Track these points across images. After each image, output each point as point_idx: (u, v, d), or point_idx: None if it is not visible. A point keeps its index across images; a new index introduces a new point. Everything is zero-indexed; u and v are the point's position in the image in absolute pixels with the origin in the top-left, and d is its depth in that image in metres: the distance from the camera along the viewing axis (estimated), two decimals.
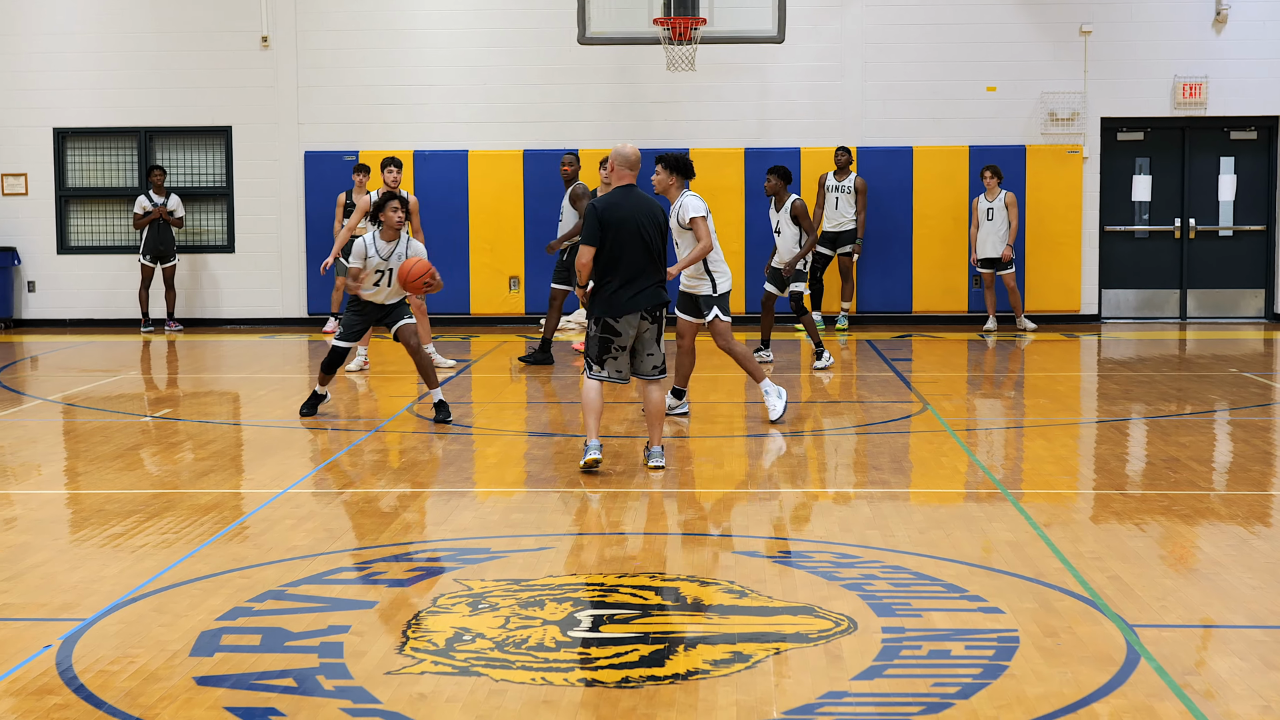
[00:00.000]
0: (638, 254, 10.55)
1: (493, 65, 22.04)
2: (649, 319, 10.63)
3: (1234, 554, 8.28)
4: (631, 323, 10.58)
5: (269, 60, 22.18)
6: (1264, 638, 6.76)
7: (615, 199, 10.67)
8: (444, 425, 12.75)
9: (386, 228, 12.96)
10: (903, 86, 21.86)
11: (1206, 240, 22.23)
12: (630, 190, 10.74)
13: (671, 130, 21.79)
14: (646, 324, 10.63)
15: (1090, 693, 6.01)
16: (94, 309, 22.57)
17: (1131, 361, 17.84)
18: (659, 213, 10.72)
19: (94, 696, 6.05)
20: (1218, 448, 12.06)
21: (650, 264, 10.61)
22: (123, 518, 9.32)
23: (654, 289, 10.63)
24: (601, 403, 10.72)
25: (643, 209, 10.64)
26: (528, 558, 8.36)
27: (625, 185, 10.79)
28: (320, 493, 10.22)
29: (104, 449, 11.88)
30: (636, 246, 10.55)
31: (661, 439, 10.86)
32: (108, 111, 22.39)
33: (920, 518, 9.30)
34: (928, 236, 21.77)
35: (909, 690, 6.09)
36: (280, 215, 22.33)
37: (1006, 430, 13.00)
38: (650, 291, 10.60)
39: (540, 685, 6.15)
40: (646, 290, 10.58)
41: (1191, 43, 21.70)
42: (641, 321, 10.60)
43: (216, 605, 7.34)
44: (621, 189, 10.77)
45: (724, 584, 7.68)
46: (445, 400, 13.03)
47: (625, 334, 10.60)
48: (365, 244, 12.92)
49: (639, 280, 10.56)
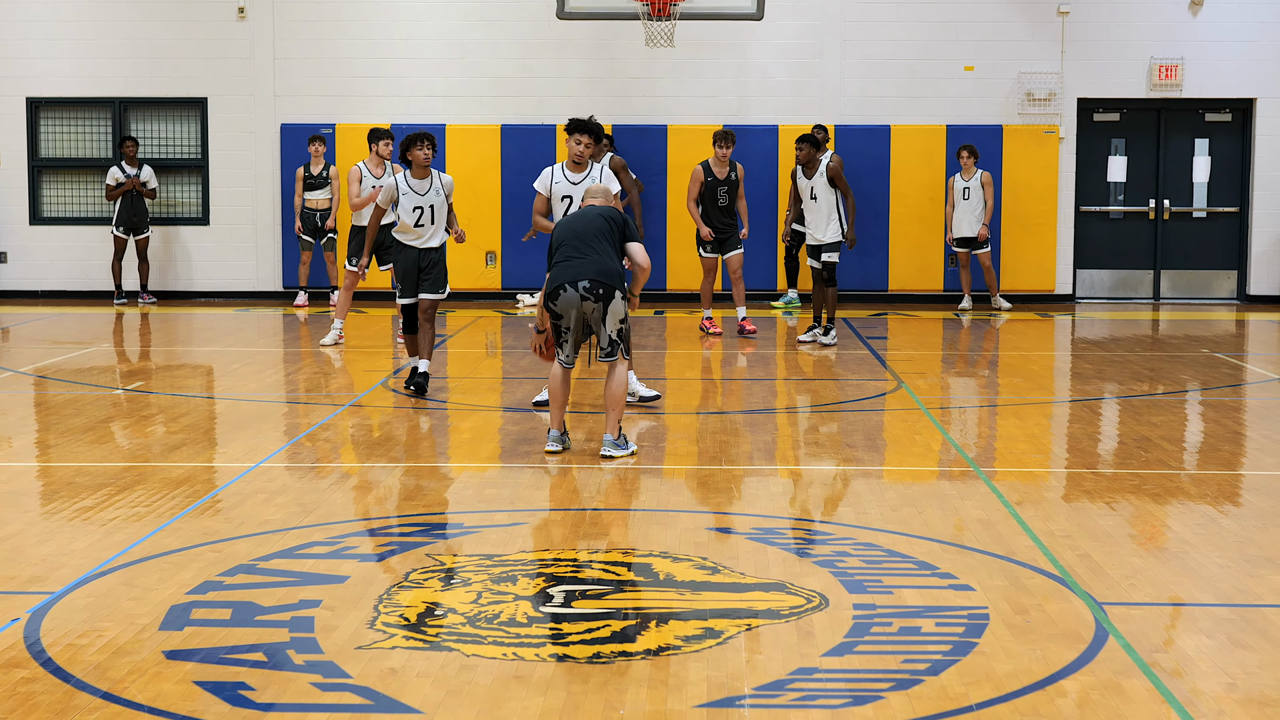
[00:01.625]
0: (575, 246, 10.46)
1: (471, 39, 21.97)
2: (590, 299, 10.44)
3: (1203, 533, 8.32)
4: (569, 303, 10.41)
5: (245, 31, 22.07)
6: (1231, 616, 6.79)
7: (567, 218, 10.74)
8: (420, 400, 12.72)
9: (416, 166, 13.01)
10: (881, 65, 21.86)
11: (1181, 221, 22.28)
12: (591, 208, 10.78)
13: (650, 106, 21.76)
14: (590, 304, 10.47)
15: (1059, 670, 6.04)
16: (67, 281, 22.47)
17: (1105, 341, 17.89)
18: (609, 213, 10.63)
19: (62, 670, 6.03)
20: (1189, 428, 12.10)
21: (589, 246, 10.44)
22: (93, 491, 9.29)
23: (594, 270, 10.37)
24: (564, 390, 10.63)
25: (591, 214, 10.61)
26: (501, 533, 8.36)
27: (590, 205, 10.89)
28: (293, 467, 10.20)
29: (75, 421, 11.84)
30: (574, 240, 10.47)
31: (618, 426, 10.55)
32: (82, 81, 22.27)
33: (893, 495, 9.32)
34: (904, 215, 21.79)
35: (879, 666, 6.11)
36: (256, 188, 22.24)
37: (980, 409, 13.03)
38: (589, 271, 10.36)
39: (512, 660, 6.15)
40: (584, 271, 10.37)
41: (1168, 25, 21.73)
42: (584, 303, 10.46)
43: (187, 579, 7.32)
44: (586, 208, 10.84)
45: (696, 560, 7.69)
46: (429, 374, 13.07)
47: (566, 315, 10.46)
48: (397, 184, 12.98)
49: (575, 262, 10.41)
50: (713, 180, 17.15)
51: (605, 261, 10.43)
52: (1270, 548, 8.01)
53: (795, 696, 5.79)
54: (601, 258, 10.43)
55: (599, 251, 10.45)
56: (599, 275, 10.38)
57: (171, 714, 5.61)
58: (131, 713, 5.62)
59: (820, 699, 5.78)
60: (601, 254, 10.46)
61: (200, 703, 5.71)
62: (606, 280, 10.39)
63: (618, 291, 10.43)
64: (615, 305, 10.42)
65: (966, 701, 5.70)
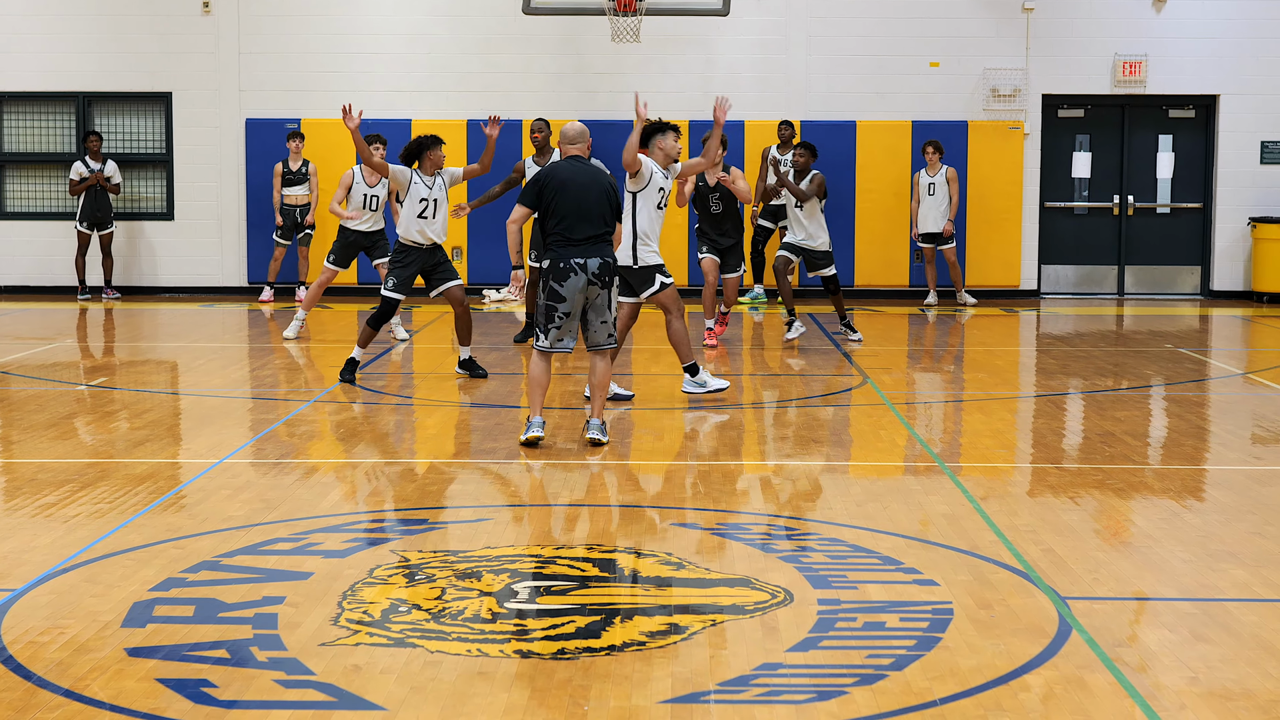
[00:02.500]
0: (582, 220, 10.51)
1: (437, 34, 21.93)
2: (597, 284, 10.55)
3: (1166, 528, 8.36)
4: (578, 287, 10.50)
5: (210, 26, 21.99)
6: (1194, 610, 6.82)
7: (558, 165, 10.74)
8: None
9: (429, 164, 13.39)
10: (847, 61, 21.89)
11: (1145, 217, 22.38)
12: (576, 159, 10.82)
13: (616, 102, 21.73)
14: (596, 289, 10.57)
15: (1022, 664, 6.06)
16: (29, 276, 22.35)
17: (1069, 337, 17.96)
18: (607, 182, 10.71)
19: (23, 668, 6.00)
20: (1152, 423, 12.16)
21: (596, 223, 10.54)
22: (55, 487, 9.24)
23: (602, 253, 10.52)
24: (547, 378, 10.67)
25: (587, 177, 10.63)
26: (465, 529, 8.35)
27: (572, 156, 10.88)
28: (258, 463, 10.17)
29: (38, 418, 11.77)
30: (580, 213, 10.50)
31: (603, 413, 10.80)
32: (45, 76, 22.15)
33: (858, 491, 9.33)
34: (870, 211, 21.83)
35: (844, 662, 6.12)
36: (220, 183, 22.16)
37: (945, 404, 13.06)
38: (597, 255, 10.49)
39: (476, 657, 6.14)
40: (593, 254, 10.49)
41: (1132, 21, 21.82)
42: (590, 288, 10.54)
43: (149, 576, 7.29)
44: (568, 158, 10.85)
45: (661, 556, 7.68)
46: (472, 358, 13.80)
47: (570, 299, 10.51)
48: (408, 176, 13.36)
49: (584, 244, 10.49)
50: (703, 186, 16.14)
51: (608, 245, 10.60)
52: (1233, 542, 8.05)
53: (760, 692, 5.80)
54: (604, 241, 10.58)
55: (601, 229, 10.56)
56: (610, 258, 10.55)
57: (134, 712, 5.58)
58: (93, 710, 5.59)
59: (785, 694, 5.78)
60: (603, 234, 10.59)
61: (163, 700, 5.68)
62: (612, 267, 10.57)
63: (618, 277, 10.61)
64: (614, 292, 10.60)
65: (930, 696, 5.71)
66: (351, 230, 16.20)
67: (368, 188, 16.18)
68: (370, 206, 16.24)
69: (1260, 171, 21.93)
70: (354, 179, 16.10)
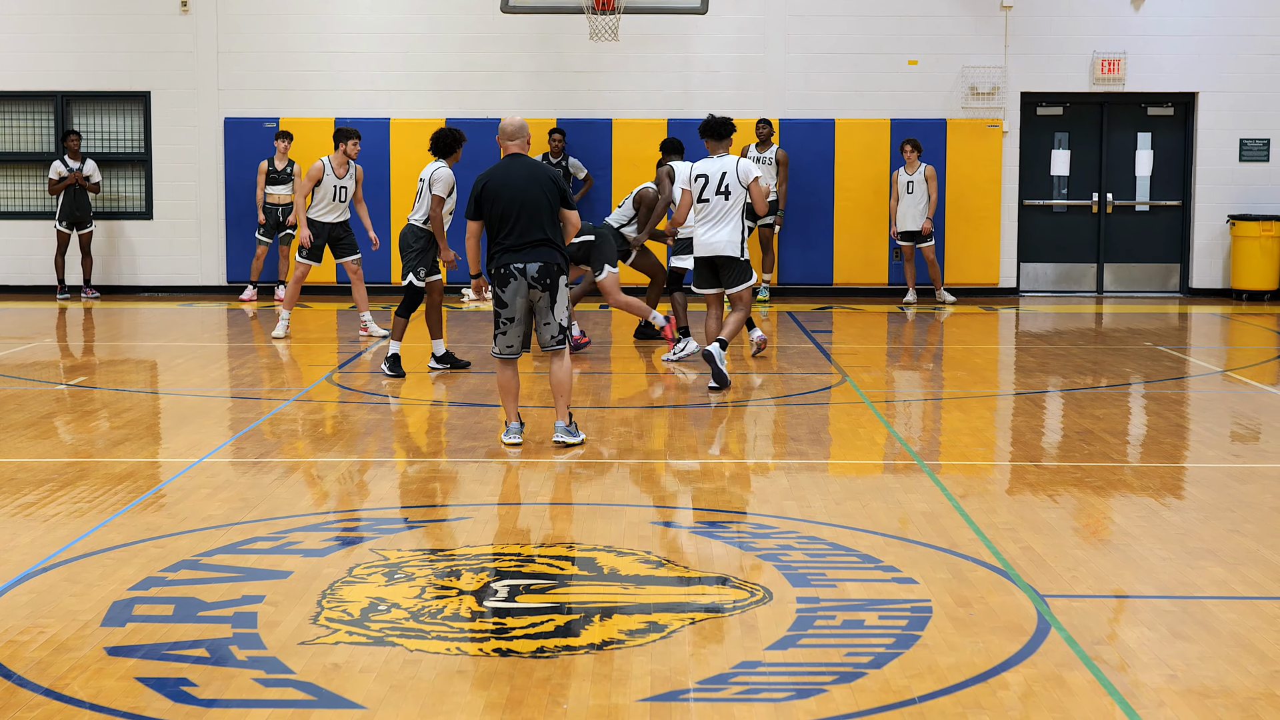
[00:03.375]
0: (521, 222, 10.33)
1: (415, 33, 21.90)
2: (538, 287, 10.40)
3: (1144, 525, 8.38)
4: (518, 292, 10.37)
5: (189, 25, 21.93)
6: (1172, 608, 6.85)
7: (492, 171, 10.50)
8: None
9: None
10: (825, 59, 21.91)
11: (1124, 215, 22.43)
12: (514, 158, 10.55)
13: (595, 100, 21.74)
14: (538, 293, 10.42)
15: (1001, 662, 6.08)
16: (8, 275, 22.27)
17: (1048, 335, 18.00)
18: (546, 179, 10.43)
19: (3, 667, 5.99)
20: (1131, 420, 12.19)
21: (537, 231, 10.34)
22: (35, 486, 9.22)
23: (541, 257, 10.32)
24: (515, 383, 10.60)
25: (526, 175, 10.39)
26: (445, 527, 8.35)
27: (511, 154, 10.61)
28: (237, 462, 10.16)
29: (17, 417, 11.75)
30: (519, 214, 10.32)
31: (568, 413, 10.61)
32: (24, 75, 22.07)
33: (837, 489, 9.35)
34: (849, 209, 21.85)
35: (822, 660, 6.13)
36: (199, 182, 22.11)
37: (924, 402, 13.09)
38: (536, 260, 10.31)
39: (455, 655, 6.15)
40: (532, 259, 10.32)
41: (1110, 19, 21.87)
42: (532, 291, 10.42)
43: (129, 575, 7.28)
44: (506, 158, 10.60)
45: (640, 554, 7.69)
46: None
47: (512, 304, 10.40)
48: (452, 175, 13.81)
49: (524, 249, 10.33)
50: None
51: (548, 248, 10.34)
52: (1211, 540, 8.08)
53: (739, 690, 5.81)
54: (550, 240, 10.35)
55: (548, 230, 10.35)
56: (550, 261, 10.33)
57: (113, 711, 5.57)
58: (73, 709, 5.59)
59: (764, 692, 5.80)
60: (550, 234, 10.36)
61: (142, 699, 5.68)
62: (552, 270, 10.35)
63: (562, 278, 10.40)
64: (561, 292, 10.40)
65: (909, 694, 5.73)
66: (320, 223, 16.27)
67: (337, 179, 16.24)
68: (340, 198, 16.30)
69: (1239, 169, 21.99)
70: (324, 170, 16.10)
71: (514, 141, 10.65)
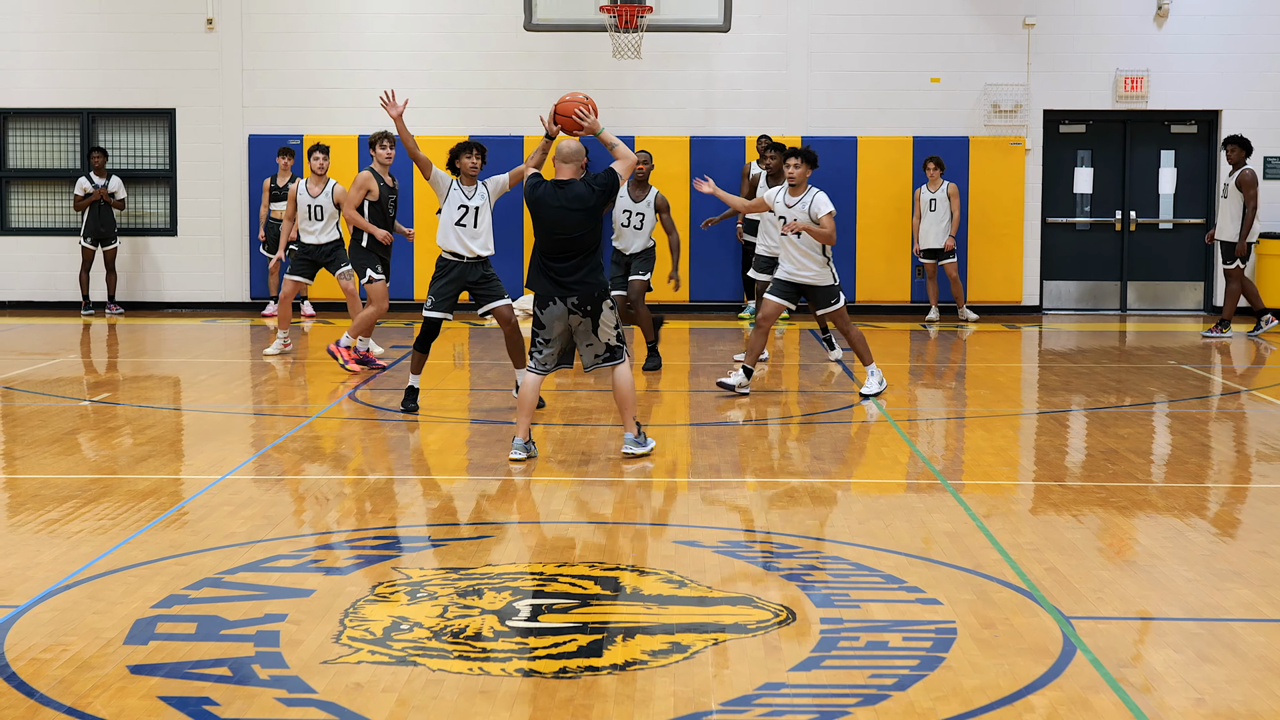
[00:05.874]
0: (563, 246, 10.41)
1: (438, 50, 21.96)
2: (578, 313, 10.46)
3: (1170, 546, 8.34)
4: (556, 315, 10.45)
5: (213, 42, 22.02)
6: (1199, 630, 6.81)
7: (549, 186, 10.48)
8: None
9: (465, 175, 12.76)
10: (848, 77, 21.91)
11: (1147, 233, 22.37)
12: (564, 184, 10.51)
13: (617, 118, 21.75)
14: (578, 319, 10.49)
15: (1026, 684, 6.04)
16: (34, 291, 22.37)
17: (1071, 353, 17.95)
18: (585, 205, 10.41)
19: (25, 685, 5.99)
20: (1156, 440, 12.14)
21: (577, 257, 10.42)
22: (59, 503, 9.24)
23: (581, 283, 10.39)
24: (533, 399, 10.65)
25: (570, 200, 10.41)
26: (467, 546, 8.34)
27: (564, 179, 10.55)
28: (260, 479, 10.16)
29: (41, 433, 11.77)
30: (561, 243, 10.40)
31: (635, 424, 10.76)
32: (51, 92, 22.18)
33: (860, 508, 9.32)
34: (871, 227, 21.83)
35: (846, 681, 6.11)
36: (223, 198, 22.18)
37: (947, 421, 13.05)
38: (577, 286, 10.39)
39: (478, 675, 6.13)
40: (572, 285, 10.39)
41: (1133, 36, 21.84)
42: (571, 316, 10.47)
43: (152, 593, 7.28)
44: (554, 182, 10.54)
45: (663, 574, 7.67)
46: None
47: (550, 327, 10.48)
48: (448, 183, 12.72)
49: (564, 274, 10.40)
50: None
51: (589, 275, 10.40)
52: (1238, 561, 8.04)
53: (762, 712, 5.78)
54: (584, 271, 10.38)
55: (583, 258, 10.38)
56: (586, 293, 10.38)
57: None
58: None
59: (787, 714, 5.77)
60: (585, 264, 10.39)
61: (164, 718, 5.67)
62: (594, 297, 10.41)
63: (605, 303, 10.45)
64: (605, 316, 10.49)
65: (934, 717, 5.70)
66: (303, 243, 16.05)
67: (310, 198, 15.94)
68: (315, 216, 15.93)
69: (1263, 186, 21.86)
70: (299, 189, 15.99)
71: (567, 165, 10.58)
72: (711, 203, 20.37)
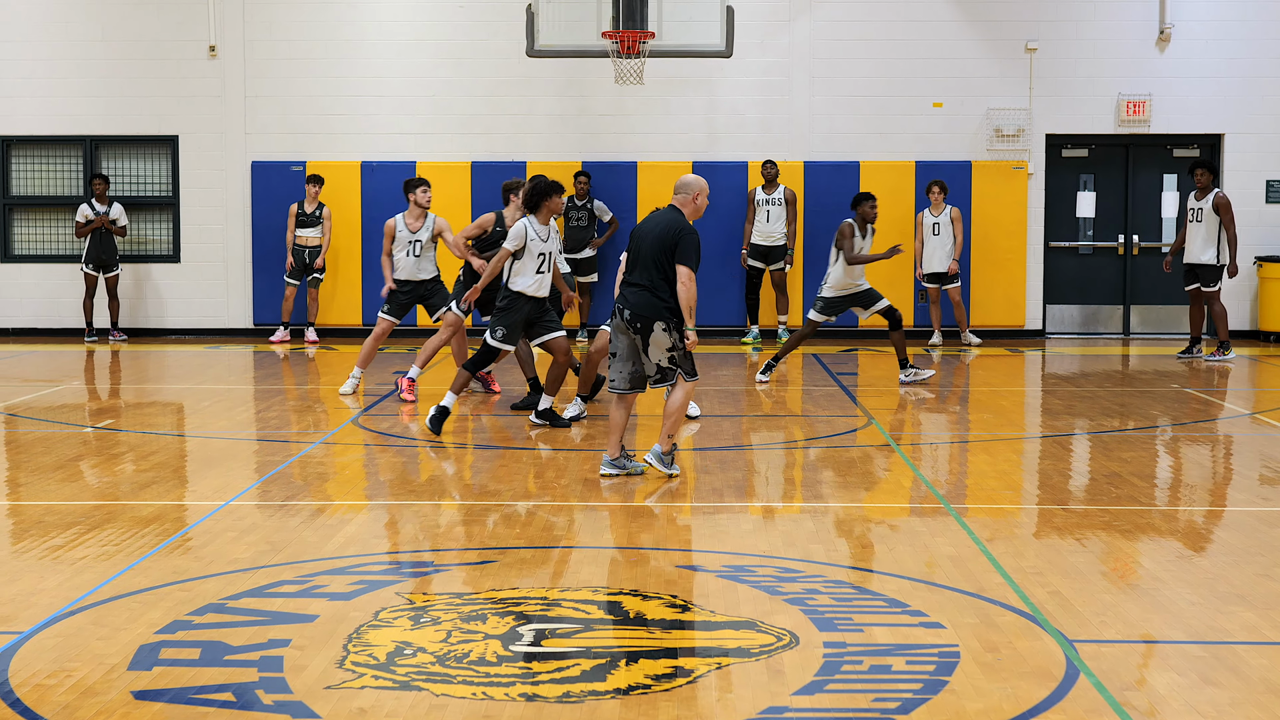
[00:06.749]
0: (637, 266, 10.85)
1: (441, 76, 22.01)
2: (630, 329, 10.82)
3: (1174, 569, 8.34)
4: (618, 329, 10.89)
5: (216, 69, 22.07)
6: (1202, 654, 6.81)
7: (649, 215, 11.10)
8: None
9: (546, 213, 12.71)
10: (850, 101, 21.95)
11: (1150, 257, 22.38)
12: (663, 211, 11.06)
13: (619, 143, 21.81)
14: (632, 334, 10.85)
15: (1030, 708, 6.04)
16: (37, 318, 22.39)
17: (1075, 377, 17.95)
18: (668, 232, 10.77)
19: (30, 711, 5.99)
20: (1159, 463, 12.14)
21: (645, 277, 10.77)
22: (62, 529, 9.25)
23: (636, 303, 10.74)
24: (620, 416, 10.99)
25: (656, 224, 10.89)
26: (470, 571, 8.34)
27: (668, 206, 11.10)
28: (263, 505, 10.17)
29: (45, 460, 11.78)
30: (637, 258, 10.85)
31: (669, 441, 10.95)
32: (53, 120, 22.23)
33: (863, 532, 9.32)
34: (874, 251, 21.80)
35: (850, 705, 6.10)
36: (226, 225, 22.22)
37: (951, 445, 13.05)
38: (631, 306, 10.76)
39: (481, 700, 6.13)
40: (628, 301, 10.78)
41: (1135, 61, 21.87)
42: (629, 330, 10.84)
43: (156, 618, 7.29)
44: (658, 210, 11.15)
45: (667, 598, 7.67)
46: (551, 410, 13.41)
47: (615, 341, 10.93)
48: (524, 226, 12.66)
49: (627, 288, 10.86)
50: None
51: (647, 292, 10.75)
52: (1241, 584, 8.03)
53: None
54: (646, 288, 10.76)
55: (649, 276, 10.77)
56: (638, 308, 10.75)
57: None
58: None
59: None
60: (650, 281, 10.77)
61: None
62: (644, 314, 10.73)
63: (657, 324, 10.64)
64: (656, 337, 10.77)
65: None
66: (403, 281, 15.29)
67: (410, 234, 15.20)
68: (413, 253, 15.23)
69: (1266, 210, 21.95)
70: (397, 226, 15.22)
71: (676, 195, 11.13)
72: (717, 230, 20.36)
